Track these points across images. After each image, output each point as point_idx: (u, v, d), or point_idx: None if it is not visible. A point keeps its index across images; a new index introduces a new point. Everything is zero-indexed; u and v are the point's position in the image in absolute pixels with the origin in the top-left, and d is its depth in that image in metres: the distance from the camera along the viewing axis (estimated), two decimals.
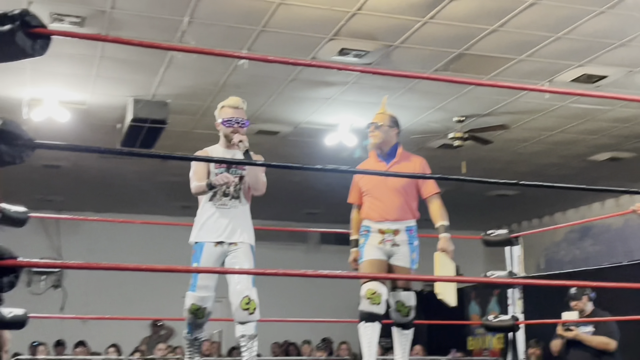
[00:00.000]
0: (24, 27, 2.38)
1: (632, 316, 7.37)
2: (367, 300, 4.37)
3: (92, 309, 13.24)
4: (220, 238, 4.36)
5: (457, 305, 4.60)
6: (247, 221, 4.47)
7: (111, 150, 2.64)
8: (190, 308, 4.64)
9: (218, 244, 4.36)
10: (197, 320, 4.71)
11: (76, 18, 6.22)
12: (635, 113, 8.77)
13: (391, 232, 4.52)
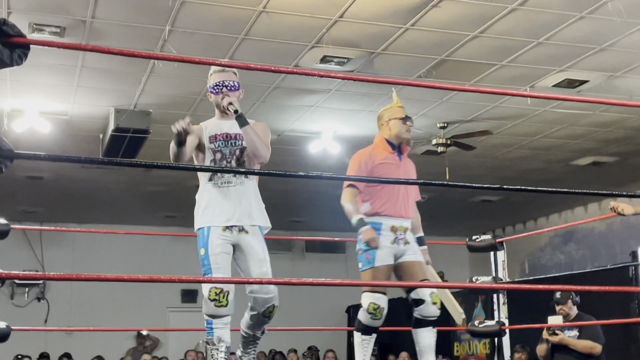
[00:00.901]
0: (2, 36, 2.35)
1: (616, 320, 7.42)
2: (369, 314, 4.21)
3: (76, 321, 13.17)
4: (230, 222, 3.78)
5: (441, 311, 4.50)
6: (257, 199, 3.92)
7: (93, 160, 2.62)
8: (210, 295, 3.79)
9: (227, 228, 3.79)
10: (219, 310, 3.84)
11: (56, 28, 6.19)
12: (617, 117, 8.83)
13: (403, 230, 4.26)
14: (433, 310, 4.30)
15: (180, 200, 12.62)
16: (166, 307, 14.34)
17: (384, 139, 4.42)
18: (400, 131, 4.37)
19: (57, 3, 5.85)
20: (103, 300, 13.55)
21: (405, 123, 4.39)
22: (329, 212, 12.25)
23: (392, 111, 4.44)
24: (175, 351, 12.92)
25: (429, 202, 12.67)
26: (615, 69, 7.38)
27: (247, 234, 3.77)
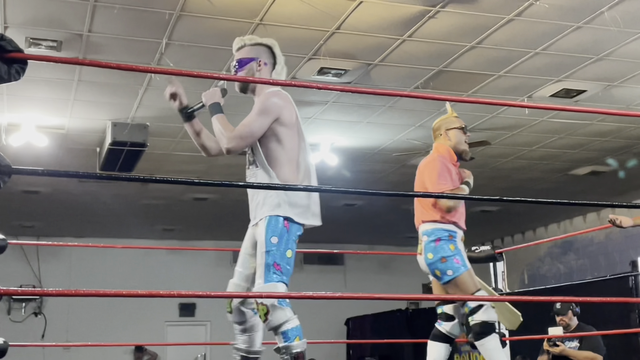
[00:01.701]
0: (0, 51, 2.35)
1: (617, 330, 7.41)
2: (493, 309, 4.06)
3: (73, 336, 13.12)
4: (250, 217, 3.56)
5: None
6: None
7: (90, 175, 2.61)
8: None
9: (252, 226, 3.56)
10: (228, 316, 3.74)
11: (53, 42, 6.19)
12: (614, 127, 8.85)
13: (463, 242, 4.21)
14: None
15: (178, 214, 12.63)
16: (164, 321, 14.30)
17: (450, 149, 4.35)
18: (460, 141, 4.38)
19: (53, 17, 5.86)
20: (100, 314, 13.51)
21: (465, 133, 4.40)
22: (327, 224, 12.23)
23: (450, 121, 4.43)
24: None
25: None
26: (612, 79, 7.39)
27: (257, 227, 3.46)
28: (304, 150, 3.52)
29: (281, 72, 3.70)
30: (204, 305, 14.52)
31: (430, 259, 4.05)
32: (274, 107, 3.47)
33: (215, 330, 14.49)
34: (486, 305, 3.99)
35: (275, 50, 3.72)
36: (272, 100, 3.51)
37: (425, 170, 4.22)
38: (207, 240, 14.61)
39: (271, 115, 3.44)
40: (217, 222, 13.33)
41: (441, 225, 4.08)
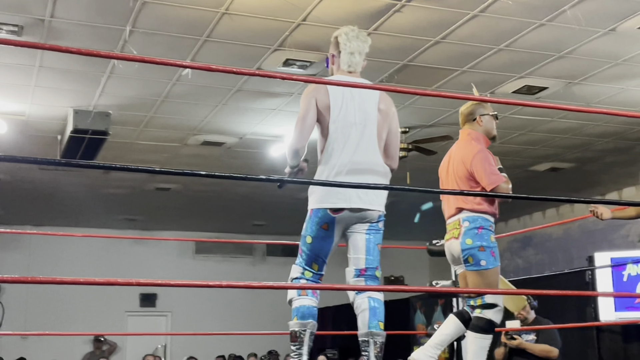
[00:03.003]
0: None
1: (573, 324, 7.52)
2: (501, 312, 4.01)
3: (32, 325, 12.94)
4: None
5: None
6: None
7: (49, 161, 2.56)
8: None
9: None
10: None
11: (14, 27, 6.07)
12: (575, 124, 8.96)
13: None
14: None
15: (141, 203, 12.51)
16: (125, 311, 14.19)
17: (483, 135, 4.25)
18: (493, 127, 4.27)
19: (15, 1, 5.74)
20: (60, 304, 13.35)
21: (496, 120, 4.30)
22: (290, 216, 12.22)
23: (484, 107, 4.29)
24: (134, 356, 12.77)
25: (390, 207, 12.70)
26: (574, 76, 7.48)
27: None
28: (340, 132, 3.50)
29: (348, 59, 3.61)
30: (165, 295, 14.44)
31: (469, 244, 3.94)
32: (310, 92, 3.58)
33: (176, 320, 14.42)
34: (500, 307, 3.93)
35: (340, 39, 3.64)
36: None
37: (474, 161, 4.06)
38: (170, 231, 14.52)
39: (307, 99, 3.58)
40: (180, 212, 13.24)
41: (486, 215, 4.00)
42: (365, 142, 3.43)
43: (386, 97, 3.57)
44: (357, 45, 3.59)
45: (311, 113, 3.46)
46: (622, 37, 6.53)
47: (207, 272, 14.33)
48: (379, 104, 3.51)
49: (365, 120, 3.45)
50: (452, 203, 4.15)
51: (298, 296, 3.39)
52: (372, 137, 3.46)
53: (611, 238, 11.81)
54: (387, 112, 3.53)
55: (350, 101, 3.45)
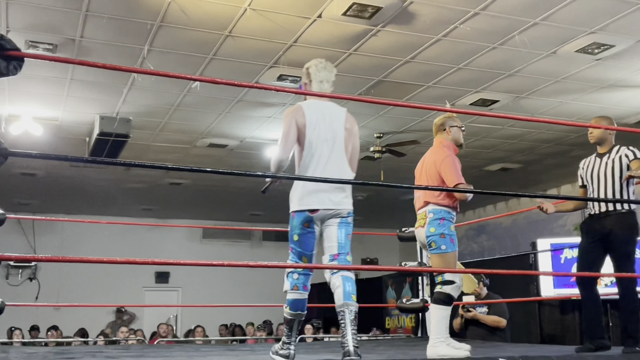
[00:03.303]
0: None
1: (519, 299, 7.56)
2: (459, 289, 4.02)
3: (63, 298, 12.88)
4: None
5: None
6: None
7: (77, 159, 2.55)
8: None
9: None
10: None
11: (49, 45, 6.03)
12: (521, 132, 8.99)
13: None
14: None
15: (156, 195, 12.46)
16: (142, 287, 14.12)
17: (452, 143, 4.35)
18: (460, 137, 4.38)
19: (50, 23, 5.69)
20: (87, 280, 13.28)
21: (463, 131, 4.39)
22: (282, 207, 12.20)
23: (452, 120, 4.41)
24: (149, 324, 12.72)
25: (367, 200, 12.74)
26: (521, 91, 7.50)
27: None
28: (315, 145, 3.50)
29: (317, 87, 3.62)
30: (176, 273, 14.39)
31: (432, 232, 4.00)
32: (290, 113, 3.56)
33: (185, 295, 14.38)
34: (457, 284, 3.97)
35: (310, 70, 3.67)
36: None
37: (442, 164, 4.17)
38: (181, 219, 14.47)
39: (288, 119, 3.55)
40: (189, 203, 13.19)
41: (447, 208, 4.06)
42: (334, 155, 3.48)
43: (350, 118, 3.62)
44: (325, 75, 3.64)
45: (292, 131, 3.46)
46: (561, 59, 6.56)
47: (212, 253, 14.29)
48: (345, 123, 3.56)
49: (334, 137, 3.50)
50: (421, 197, 4.22)
51: (291, 290, 3.47)
52: (340, 151, 3.51)
53: (551, 227, 11.87)
54: (351, 130, 3.59)
55: (322, 121, 3.49)
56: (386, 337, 9.42)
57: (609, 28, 5.89)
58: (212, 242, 14.83)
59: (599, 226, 4.23)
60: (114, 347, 7.19)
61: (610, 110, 8.06)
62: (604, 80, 7.15)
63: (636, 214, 4.23)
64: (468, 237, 14.38)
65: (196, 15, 5.60)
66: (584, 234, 4.34)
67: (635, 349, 4.04)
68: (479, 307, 6.39)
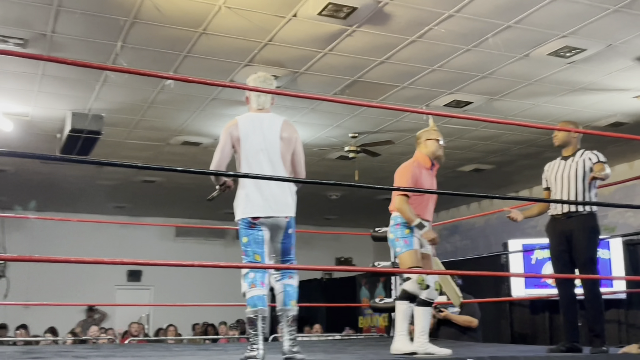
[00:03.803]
0: None
1: (490, 299, 7.63)
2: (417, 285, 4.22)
3: (33, 296, 12.69)
4: None
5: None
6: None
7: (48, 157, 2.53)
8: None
9: None
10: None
11: (20, 40, 5.93)
12: (494, 133, 9.07)
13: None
14: (434, 294, 4.35)
15: (129, 193, 12.34)
16: (114, 285, 13.99)
17: (425, 155, 4.48)
18: (437, 149, 4.48)
19: (21, 18, 5.60)
20: (57, 278, 13.10)
21: (439, 144, 4.50)
22: None
23: (429, 133, 4.56)
24: (121, 323, 12.60)
25: (342, 200, 12.76)
26: (494, 93, 7.57)
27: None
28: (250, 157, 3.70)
29: (255, 101, 3.81)
30: (149, 272, 14.27)
31: (391, 237, 4.34)
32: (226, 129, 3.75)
33: (158, 293, 14.26)
34: (413, 279, 4.19)
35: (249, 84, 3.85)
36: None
37: (396, 174, 4.46)
38: (154, 217, 14.35)
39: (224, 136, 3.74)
40: (162, 201, 13.09)
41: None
42: (272, 163, 3.65)
43: (289, 127, 3.78)
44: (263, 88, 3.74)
45: (227, 145, 3.68)
46: (534, 61, 6.63)
47: (186, 252, 14.18)
48: (281, 133, 3.71)
49: (269, 147, 3.65)
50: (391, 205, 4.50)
51: (249, 288, 3.57)
52: (277, 159, 3.67)
53: (523, 228, 11.95)
54: (290, 138, 3.73)
55: (256, 133, 3.66)
56: (359, 337, 9.45)
57: (580, 32, 5.98)
58: (186, 241, 14.73)
59: (561, 227, 4.32)
60: (84, 346, 7.11)
61: (581, 113, 8.18)
62: (576, 84, 7.25)
63: (597, 215, 4.31)
64: (441, 237, 14.40)
65: (170, 12, 5.56)
66: (550, 237, 4.42)
67: (602, 348, 4.11)
68: (450, 307, 6.43)
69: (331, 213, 13.72)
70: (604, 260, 7.13)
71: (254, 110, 3.80)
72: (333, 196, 12.32)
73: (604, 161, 4.32)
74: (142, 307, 13.66)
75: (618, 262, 7.24)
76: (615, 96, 7.62)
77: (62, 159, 3.13)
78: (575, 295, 4.33)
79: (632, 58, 6.55)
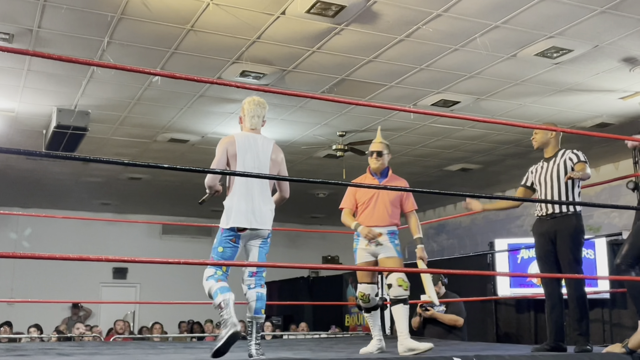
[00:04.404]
0: None
1: (476, 298, 7.66)
2: (360, 300, 4.66)
3: (17, 294, 12.60)
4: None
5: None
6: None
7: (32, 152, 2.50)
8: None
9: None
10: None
11: (5, 35, 5.88)
12: (481, 133, 9.11)
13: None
14: (398, 291, 4.50)
15: (115, 190, 12.27)
16: (99, 282, 13.91)
17: (369, 167, 4.94)
18: (371, 162, 4.93)
19: (6, 12, 5.55)
20: (42, 275, 13.02)
21: (370, 156, 4.95)
22: None
23: (370, 147, 5.00)
24: (106, 321, 12.53)
25: (329, 198, 12.76)
26: (481, 93, 7.60)
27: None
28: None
29: (249, 121, 4.10)
30: (134, 269, 14.20)
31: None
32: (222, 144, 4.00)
33: (144, 291, 14.20)
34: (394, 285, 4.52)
35: (245, 106, 4.16)
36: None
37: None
38: (140, 214, 14.29)
39: (220, 151, 3.99)
40: (149, 198, 13.03)
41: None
42: (261, 181, 3.89)
43: (277, 149, 4.05)
44: (257, 110, 4.11)
45: (223, 160, 3.92)
46: (521, 62, 6.67)
47: (172, 250, 14.14)
48: (271, 154, 3.97)
49: (260, 166, 3.90)
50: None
51: (215, 282, 3.85)
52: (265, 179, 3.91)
53: (509, 227, 12.07)
54: (277, 159, 4.00)
55: (250, 151, 3.91)
56: (345, 335, 9.45)
57: (567, 33, 6.01)
58: (172, 238, 14.68)
59: (546, 228, 4.35)
60: (68, 343, 7.06)
61: (567, 114, 8.24)
62: (562, 84, 7.29)
63: (581, 216, 4.34)
64: (428, 235, 14.51)
65: (158, 9, 5.53)
66: (535, 237, 4.45)
67: (586, 347, 4.14)
68: (437, 307, 6.45)
69: (318, 211, 13.72)
70: (589, 260, 7.18)
71: (247, 130, 4.05)
72: (320, 194, 12.32)
73: (584, 161, 4.34)
74: (127, 304, 13.62)
75: (602, 262, 7.29)
76: (602, 97, 7.67)
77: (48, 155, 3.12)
78: (561, 295, 4.36)
79: (618, 59, 6.59)
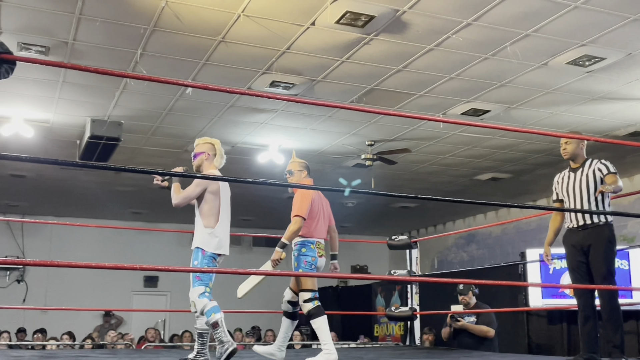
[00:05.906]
0: None
1: (507, 309, 7.58)
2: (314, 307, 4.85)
3: (51, 301, 12.81)
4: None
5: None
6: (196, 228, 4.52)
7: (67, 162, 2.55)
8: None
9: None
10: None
11: (42, 47, 6.01)
12: (512, 142, 9.03)
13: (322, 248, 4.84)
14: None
15: (146, 199, 12.42)
16: (130, 291, 14.06)
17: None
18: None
19: (43, 25, 5.68)
20: (75, 284, 13.21)
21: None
22: (273, 212, 12.18)
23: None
24: (137, 329, 12.66)
25: (357, 207, 12.75)
26: (512, 102, 7.55)
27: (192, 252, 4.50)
28: (223, 208, 4.44)
29: (221, 161, 4.65)
30: (165, 278, 14.33)
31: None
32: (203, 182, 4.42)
33: (174, 299, 14.31)
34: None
35: (216, 146, 4.66)
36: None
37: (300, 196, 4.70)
38: (171, 223, 14.42)
39: (202, 186, 4.40)
40: (180, 208, 13.14)
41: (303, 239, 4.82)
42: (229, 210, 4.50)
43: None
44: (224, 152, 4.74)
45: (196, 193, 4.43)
46: (552, 70, 6.61)
47: None
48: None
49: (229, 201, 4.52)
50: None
51: (209, 301, 4.28)
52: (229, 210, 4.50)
53: (540, 237, 11.89)
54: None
55: (225, 188, 4.54)
56: (374, 345, 9.41)
57: (600, 41, 5.95)
58: None
59: (577, 239, 4.28)
60: (101, 351, 7.15)
61: (599, 122, 8.13)
62: (594, 93, 7.20)
63: (613, 226, 4.27)
64: (458, 245, 14.41)
65: (190, 21, 5.61)
66: (566, 248, 4.39)
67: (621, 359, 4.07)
68: (467, 317, 6.40)
69: (347, 221, 13.72)
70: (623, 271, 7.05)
71: (215, 169, 4.59)
72: (349, 204, 12.32)
73: (615, 172, 4.27)
74: (158, 312, 13.73)
75: (638, 273, 7.16)
76: (635, 105, 7.56)
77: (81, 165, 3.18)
78: (595, 306, 4.29)
79: None
